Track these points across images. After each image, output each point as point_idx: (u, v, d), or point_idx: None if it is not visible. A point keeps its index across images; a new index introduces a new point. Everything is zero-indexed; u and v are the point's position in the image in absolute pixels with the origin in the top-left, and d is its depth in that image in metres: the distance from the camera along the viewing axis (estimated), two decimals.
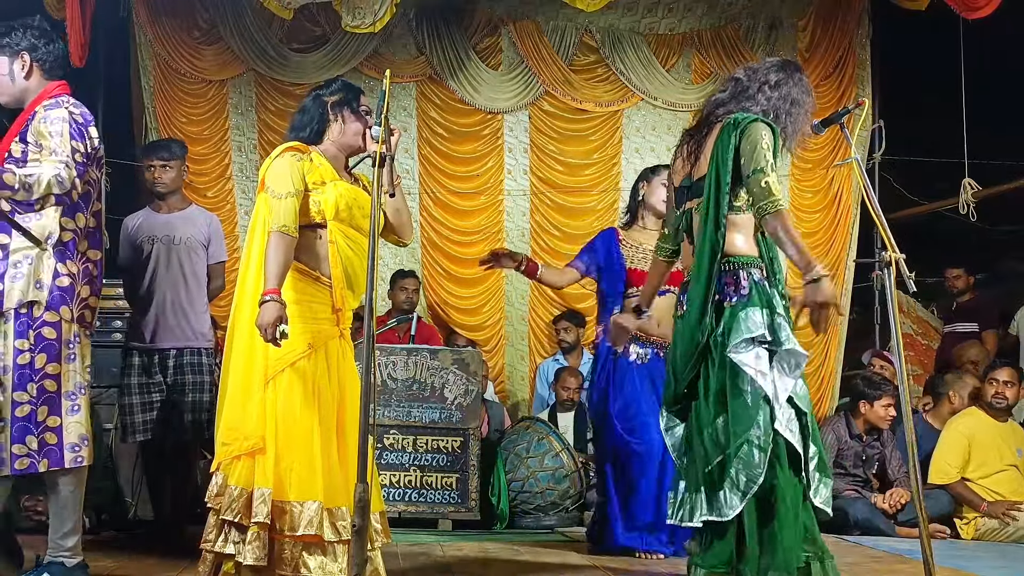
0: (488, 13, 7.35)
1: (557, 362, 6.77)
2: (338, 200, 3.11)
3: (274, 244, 2.99)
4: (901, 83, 7.77)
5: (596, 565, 4.10)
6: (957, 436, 5.54)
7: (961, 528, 5.45)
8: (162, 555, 4.16)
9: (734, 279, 3.06)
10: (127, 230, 4.74)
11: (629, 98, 7.44)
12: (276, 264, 2.97)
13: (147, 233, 4.66)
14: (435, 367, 5.45)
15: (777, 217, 2.93)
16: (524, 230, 7.42)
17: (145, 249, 4.63)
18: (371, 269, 2.69)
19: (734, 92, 3.20)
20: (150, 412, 4.57)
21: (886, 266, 3.07)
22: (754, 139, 3.01)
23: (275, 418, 3.01)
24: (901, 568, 4.20)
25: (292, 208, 3.03)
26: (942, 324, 7.69)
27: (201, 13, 7.09)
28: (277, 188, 3.06)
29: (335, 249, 3.11)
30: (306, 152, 3.15)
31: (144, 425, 4.56)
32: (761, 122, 3.07)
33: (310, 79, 7.09)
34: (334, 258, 3.10)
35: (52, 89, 3.40)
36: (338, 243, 3.12)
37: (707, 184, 3.08)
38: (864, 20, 7.56)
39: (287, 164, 3.09)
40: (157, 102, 7.03)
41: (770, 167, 2.98)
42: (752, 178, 2.99)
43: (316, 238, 3.12)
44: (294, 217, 3.04)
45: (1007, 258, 8.69)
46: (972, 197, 7.07)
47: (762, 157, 2.98)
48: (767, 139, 3.02)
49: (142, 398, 4.57)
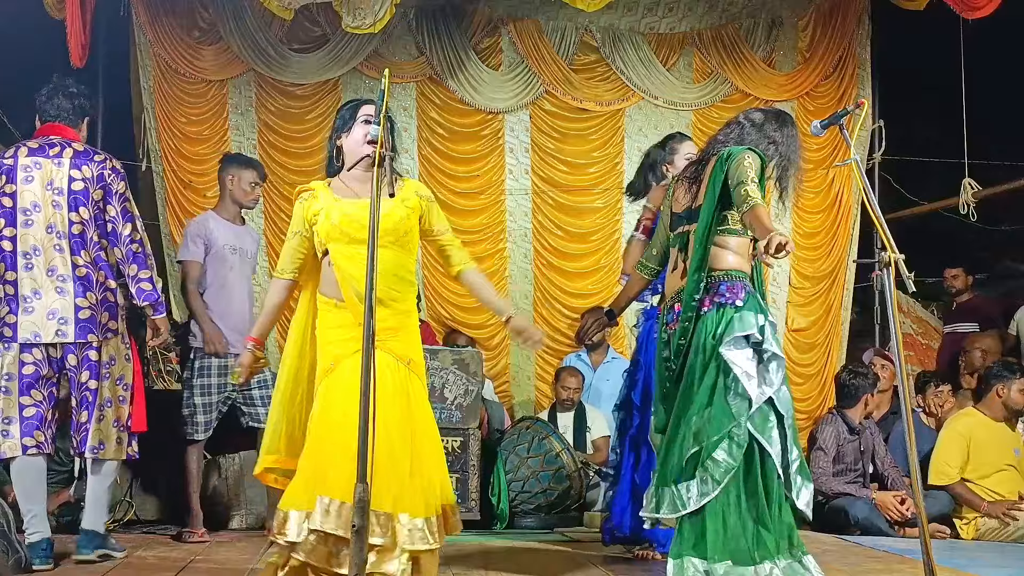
0: (488, 13, 7.35)
1: (580, 359, 6.73)
2: (327, 223, 3.16)
3: (271, 287, 3.34)
4: (901, 83, 7.77)
5: (596, 565, 4.10)
6: (956, 437, 5.55)
7: (961, 528, 5.45)
8: (161, 555, 4.16)
9: (732, 287, 3.38)
10: (208, 235, 4.95)
11: (630, 97, 7.44)
12: (265, 311, 3.33)
13: (228, 243, 4.95)
14: (435, 367, 5.45)
15: (752, 210, 3.23)
16: (527, 230, 7.42)
17: (229, 260, 4.93)
18: (370, 269, 2.68)
19: (736, 137, 3.56)
20: (213, 413, 4.87)
21: (886, 266, 3.08)
22: (739, 160, 3.36)
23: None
24: (901, 568, 4.20)
25: (291, 249, 3.26)
26: (942, 324, 7.69)
27: (201, 13, 7.08)
28: (288, 233, 3.30)
29: (339, 271, 3.14)
30: (311, 190, 3.29)
31: (206, 426, 4.85)
32: (749, 150, 3.41)
33: (310, 79, 7.10)
34: (340, 279, 3.13)
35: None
36: (339, 264, 3.13)
37: (703, 207, 3.45)
38: (864, 20, 7.56)
39: (295, 208, 3.29)
40: (157, 102, 7.02)
41: (751, 181, 3.28)
42: (735, 189, 3.30)
43: (326, 265, 3.20)
44: (294, 260, 3.27)
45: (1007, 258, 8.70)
46: (972, 197, 7.08)
47: (744, 172, 3.31)
48: (750, 159, 3.36)
49: (208, 398, 4.84)
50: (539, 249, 7.31)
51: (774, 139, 3.56)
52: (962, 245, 8.10)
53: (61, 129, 4.01)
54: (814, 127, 3.43)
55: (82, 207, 3.90)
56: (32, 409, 3.84)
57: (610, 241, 7.43)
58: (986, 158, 7.34)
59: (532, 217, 7.41)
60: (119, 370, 3.99)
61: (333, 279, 3.16)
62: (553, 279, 7.34)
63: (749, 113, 3.66)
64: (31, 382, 3.85)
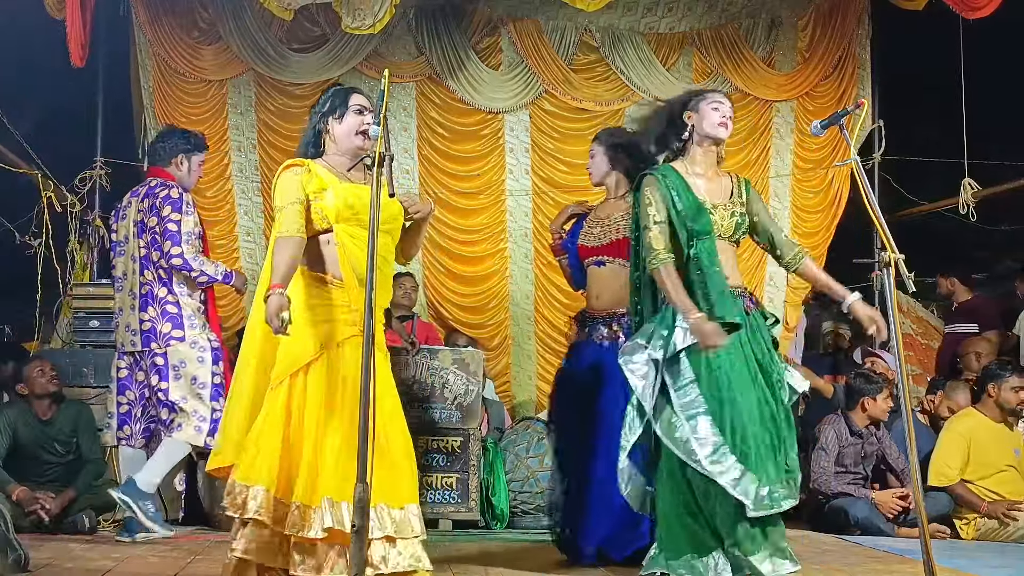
0: (488, 13, 7.34)
1: None
2: (339, 202, 3.12)
3: (279, 246, 3.06)
4: (901, 83, 7.77)
5: (596, 564, 4.09)
6: (956, 437, 5.54)
7: (961, 528, 5.45)
8: (161, 555, 4.16)
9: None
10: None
11: (629, 97, 7.43)
12: (282, 262, 3.03)
13: None
14: (435, 367, 5.45)
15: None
16: (527, 230, 7.41)
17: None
18: (370, 268, 2.69)
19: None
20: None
21: (885, 266, 3.08)
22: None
23: (284, 418, 3.02)
24: (901, 568, 4.20)
25: (295, 213, 3.09)
26: (942, 324, 7.68)
27: (201, 13, 7.08)
28: (280, 201, 3.14)
29: (343, 251, 3.11)
30: (303, 165, 3.19)
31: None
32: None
33: (310, 79, 7.09)
34: (343, 259, 3.11)
35: None
36: (345, 244, 3.11)
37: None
38: (864, 20, 7.55)
39: (287, 179, 3.16)
40: (157, 102, 7.02)
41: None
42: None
43: (324, 243, 3.15)
44: (299, 221, 3.09)
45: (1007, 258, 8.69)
46: (972, 197, 7.07)
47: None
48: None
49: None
50: (540, 249, 7.30)
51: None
52: (962, 245, 8.10)
53: (154, 170, 4.89)
54: (814, 127, 3.43)
55: (144, 233, 4.67)
56: (125, 407, 4.73)
57: None
58: (986, 158, 7.33)
59: (532, 217, 7.40)
60: (192, 371, 4.57)
61: (333, 258, 3.13)
62: (554, 279, 7.32)
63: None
64: (124, 383, 4.73)
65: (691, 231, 3.48)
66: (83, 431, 5.12)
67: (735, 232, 3.59)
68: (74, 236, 6.49)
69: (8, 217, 6.39)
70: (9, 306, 6.96)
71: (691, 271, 3.48)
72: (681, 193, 3.52)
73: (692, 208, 3.50)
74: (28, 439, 5.06)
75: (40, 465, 5.08)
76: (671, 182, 3.54)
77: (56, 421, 5.10)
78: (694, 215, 3.49)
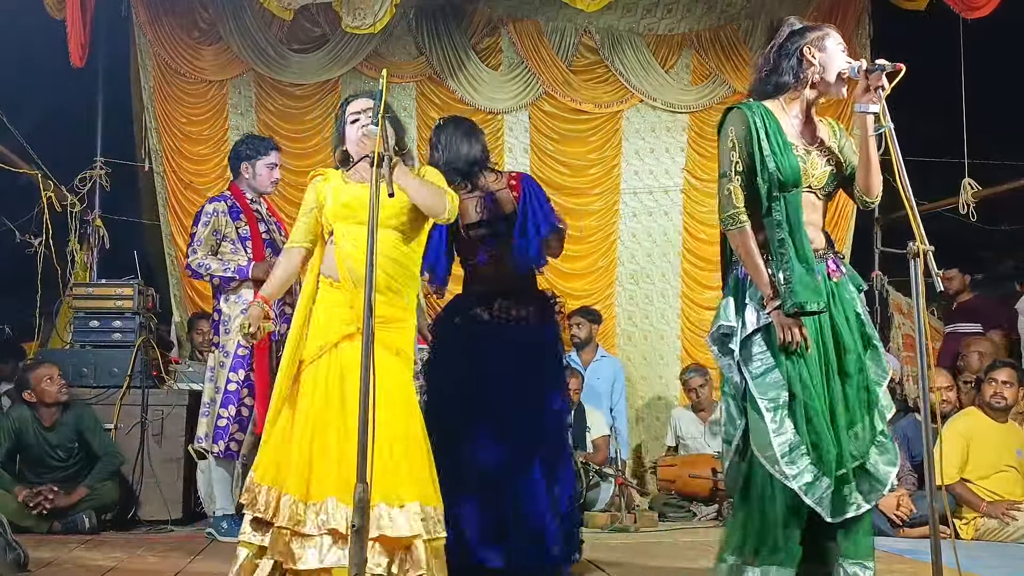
0: (488, 13, 7.35)
1: (570, 359, 6.71)
2: (335, 202, 3.21)
3: (281, 256, 3.38)
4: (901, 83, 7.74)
5: (596, 564, 4.10)
6: (956, 437, 5.53)
7: (961, 528, 5.44)
8: (161, 555, 4.16)
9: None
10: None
11: (628, 99, 7.44)
12: (275, 274, 3.34)
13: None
14: None
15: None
16: None
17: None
18: (370, 267, 2.68)
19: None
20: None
21: (914, 257, 2.82)
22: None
23: (288, 416, 3.13)
24: (901, 568, 4.20)
25: (302, 224, 3.30)
26: (942, 324, 7.68)
27: (201, 13, 7.08)
28: (299, 212, 3.33)
29: (339, 250, 3.18)
30: (323, 174, 3.35)
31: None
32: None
33: (310, 79, 7.10)
34: (339, 258, 3.17)
35: None
36: (339, 244, 3.17)
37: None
38: (864, 20, 7.55)
39: (308, 190, 3.34)
40: (157, 102, 7.03)
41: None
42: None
43: (329, 244, 3.25)
44: (303, 232, 3.30)
45: (1007, 258, 8.69)
46: (972, 197, 7.06)
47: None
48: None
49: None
50: None
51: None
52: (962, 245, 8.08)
53: (231, 184, 5.03)
54: (852, 68, 3.10)
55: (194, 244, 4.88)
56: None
57: (607, 243, 7.44)
58: (986, 158, 7.33)
59: None
60: (218, 376, 4.72)
61: (332, 258, 3.21)
62: (551, 280, 7.32)
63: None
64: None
65: (776, 181, 2.96)
66: (90, 432, 5.11)
67: (827, 184, 3.13)
68: (74, 236, 6.49)
69: (8, 217, 6.39)
70: (9, 306, 6.96)
71: (771, 231, 2.97)
72: (772, 135, 2.99)
73: (782, 155, 2.98)
74: (30, 445, 5.06)
75: (41, 470, 5.08)
76: (760, 120, 3.00)
77: (59, 427, 5.09)
78: (783, 164, 2.97)
